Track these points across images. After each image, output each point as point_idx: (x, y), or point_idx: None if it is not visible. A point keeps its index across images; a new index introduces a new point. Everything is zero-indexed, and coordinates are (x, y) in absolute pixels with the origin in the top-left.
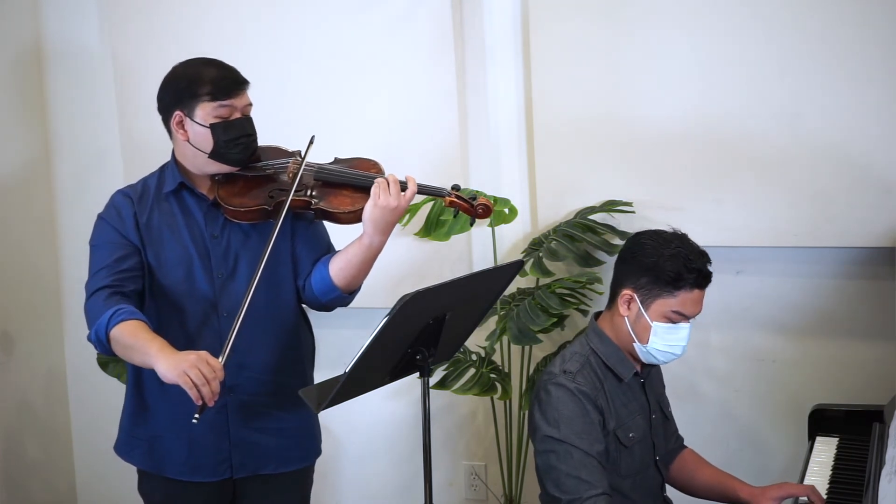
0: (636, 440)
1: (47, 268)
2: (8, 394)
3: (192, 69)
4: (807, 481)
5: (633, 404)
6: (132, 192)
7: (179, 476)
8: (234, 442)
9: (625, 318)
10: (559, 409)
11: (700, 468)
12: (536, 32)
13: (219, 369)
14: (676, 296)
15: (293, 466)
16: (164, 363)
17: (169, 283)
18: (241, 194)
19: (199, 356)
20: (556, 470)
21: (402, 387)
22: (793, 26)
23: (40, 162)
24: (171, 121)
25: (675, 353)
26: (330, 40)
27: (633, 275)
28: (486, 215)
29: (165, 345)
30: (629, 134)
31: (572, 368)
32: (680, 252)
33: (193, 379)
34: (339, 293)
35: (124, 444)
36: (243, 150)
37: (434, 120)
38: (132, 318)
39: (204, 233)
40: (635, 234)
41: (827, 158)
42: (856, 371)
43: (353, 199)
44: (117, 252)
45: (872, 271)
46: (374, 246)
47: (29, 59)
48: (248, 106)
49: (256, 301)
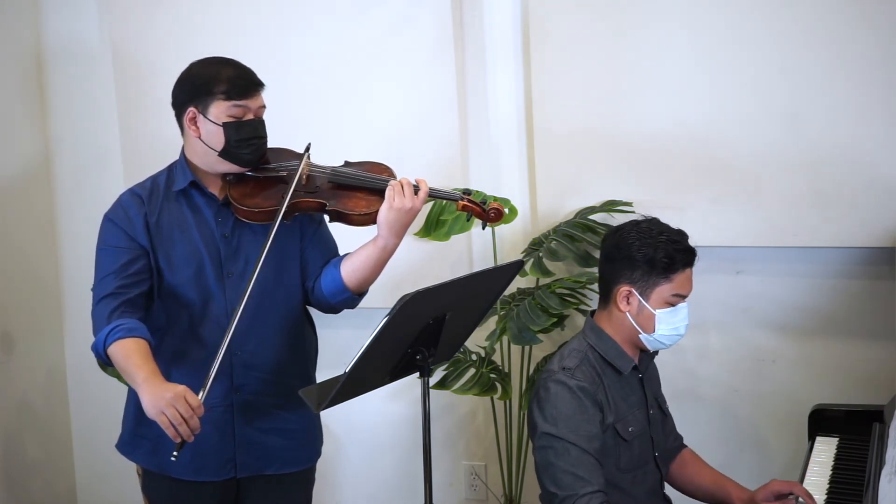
0: (635, 434)
1: (47, 268)
2: (8, 394)
3: (209, 67)
4: (807, 481)
5: (632, 398)
6: (141, 191)
7: (183, 476)
8: (238, 441)
9: (626, 313)
10: (557, 406)
11: (698, 469)
12: (536, 32)
13: (197, 406)
14: (672, 279)
15: (296, 467)
16: (146, 397)
17: (178, 283)
18: (254, 195)
19: (177, 394)
20: (554, 466)
21: (402, 387)
22: (793, 25)
23: (40, 162)
24: (184, 116)
25: (679, 333)
26: (330, 40)
27: (626, 270)
28: (499, 219)
29: (152, 373)
30: (629, 134)
31: (571, 364)
32: (664, 238)
33: (170, 418)
34: (350, 294)
35: (127, 443)
36: (254, 151)
37: (434, 120)
38: (129, 337)
39: (214, 232)
40: (613, 230)
41: (827, 158)
42: (856, 371)
43: (367, 202)
44: (123, 257)
45: (872, 271)
46: (389, 247)
47: (29, 59)
48: (262, 108)
49: (265, 301)
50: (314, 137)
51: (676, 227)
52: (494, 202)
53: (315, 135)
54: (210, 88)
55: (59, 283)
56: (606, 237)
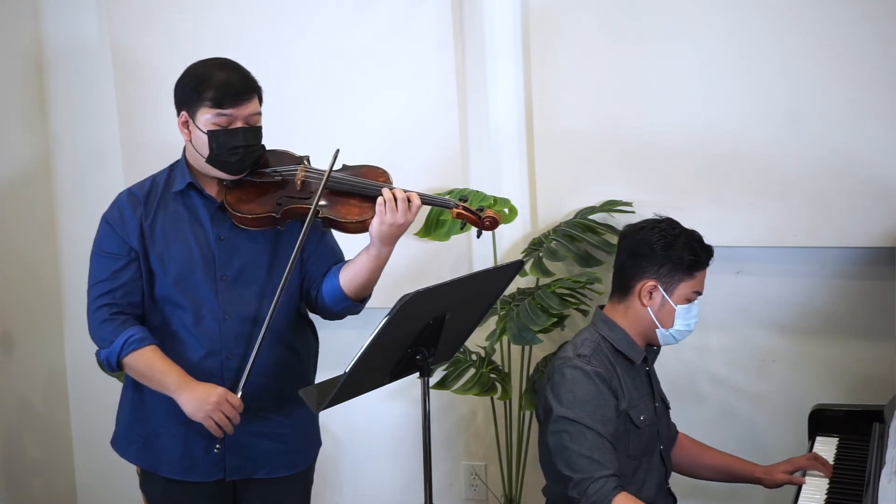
0: (646, 423)
1: (47, 268)
2: (8, 394)
3: (203, 70)
4: (807, 481)
5: (641, 388)
6: (139, 192)
7: (172, 475)
8: (228, 444)
9: (647, 307)
10: (574, 390)
11: (703, 451)
12: (537, 32)
13: (238, 406)
14: (695, 276)
15: (286, 472)
16: (187, 403)
17: (171, 284)
18: (249, 200)
19: (220, 398)
20: (569, 450)
21: (402, 387)
22: (793, 25)
23: (40, 162)
24: (179, 119)
25: (691, 329)
26: (330, 40)
27: (653, 266)
28: (494, 227)
29: (181, 377)
30: (629, 134)
31: (586, 352)
32: (686, 236)
33: (218, 422)
34: (351, 302)
35: (121, 440)
36: (241, 160)
37: (434, 120)
38: (144, 346)
39: (209, 234)
40: (636, 228)
41: (827, 158)
42: (856, 371)
43: (360, 209)
44: (115, 264)
45: (872, 271)
46: (382, 256)
47: (29, 59)
48: (256, 115)
49: (263, 308)
50: (314, 137)
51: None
52: (490, 210)
53: (315, 135)
54: (199, 94)
55: (59, 283)
56: (627, 234)
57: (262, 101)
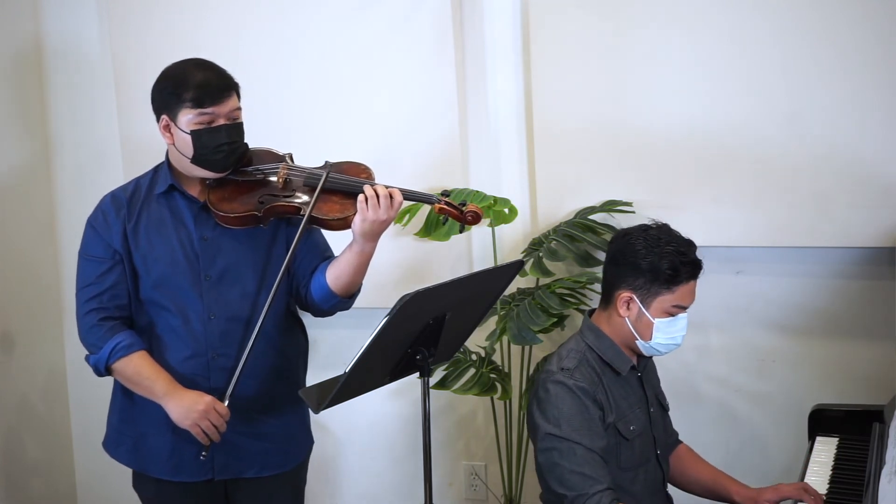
0: (637, 433)
1: (47, 268)
2: (8, 394)
3: (178, 72)
4: (807, 481)
5: (632, 397)
6: (123, 194)
7: (161, 475)
8: (216, 444)
9: (625, 318)
10: (559, 406)
11: (695, 464)
12: (536, 32)
13: (226, 414)
14: (675, 291)
15: (275, 471)
16: (175, 410)
17: (155, 285)
18: (231, 199)
19: (208, 406)
20: (560, 467)
21: (402, 387)
22: (793, 25)
23: (40, 162)
24: (159, 124)
25: (676, 343)
26: (330, 40)
27: (629, 276)
28: (476, 222)
29: (169, 384)
30: (629, 134)
31: (570, 365)
32: (671, 249)
33: (204, 430)
34: (339, 299)
35: (112, 440)
36: (226, 157)
37: (434, 120)
38: (132, 352)
39: (193, 235)
40: (621, 234)
41: (827, 158)
42: (856, 371)
43: (342, 206)
44: (100, 267)
45: (872, 271)
46: (366, 252)
47: (29, 59)
48: (236, 111)
49: (248, 307)
50: (313, 137)
51: (686, 237)
52: (472, 204)
53: (314, 134)
54: (178, 96)
55: (59, 283)
56: (614, 240)
57: (240, 97)
